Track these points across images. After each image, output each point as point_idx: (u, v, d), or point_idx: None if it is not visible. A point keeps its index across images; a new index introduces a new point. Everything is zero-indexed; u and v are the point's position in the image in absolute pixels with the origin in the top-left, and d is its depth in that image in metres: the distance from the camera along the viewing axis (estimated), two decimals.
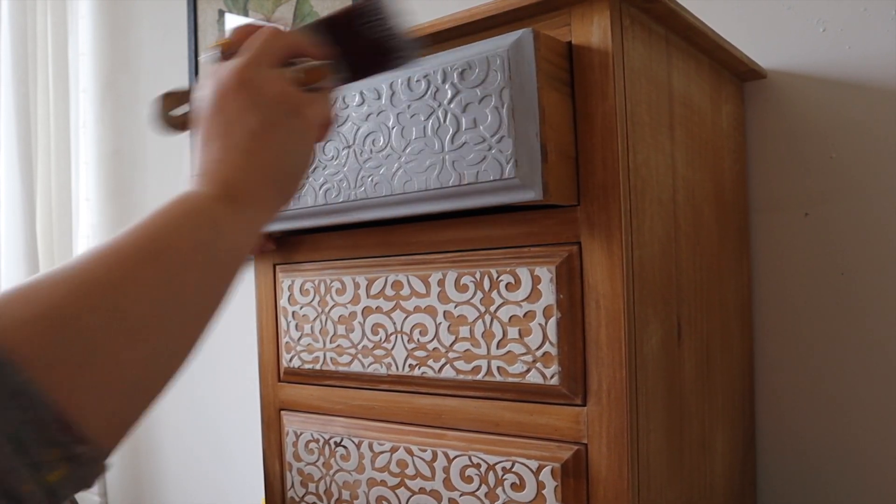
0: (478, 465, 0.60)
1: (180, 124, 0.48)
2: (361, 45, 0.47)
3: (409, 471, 0.64)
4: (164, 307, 0.36)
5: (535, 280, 0.57)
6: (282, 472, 0.75)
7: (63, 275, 0.34)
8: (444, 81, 0.55)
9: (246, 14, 1.48)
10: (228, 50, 0.45)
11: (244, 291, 1.38)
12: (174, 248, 0.37)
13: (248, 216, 0.41)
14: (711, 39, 0.69)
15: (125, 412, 0.35)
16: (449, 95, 0.55)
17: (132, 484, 1.81)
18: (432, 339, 0.62)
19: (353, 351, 0.68)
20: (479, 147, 0.53)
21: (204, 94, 0.43)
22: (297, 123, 0.43)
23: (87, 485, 0.34)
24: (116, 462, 1.64)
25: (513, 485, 0.58)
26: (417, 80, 0.56)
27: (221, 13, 1.53)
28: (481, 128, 0.53)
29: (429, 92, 0.56)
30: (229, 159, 0.41)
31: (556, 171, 0.52)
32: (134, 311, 0.34)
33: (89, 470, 0.33)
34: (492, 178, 0.53)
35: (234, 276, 0.41)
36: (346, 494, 0.69)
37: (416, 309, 0.63)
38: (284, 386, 0.75)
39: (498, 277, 0.58)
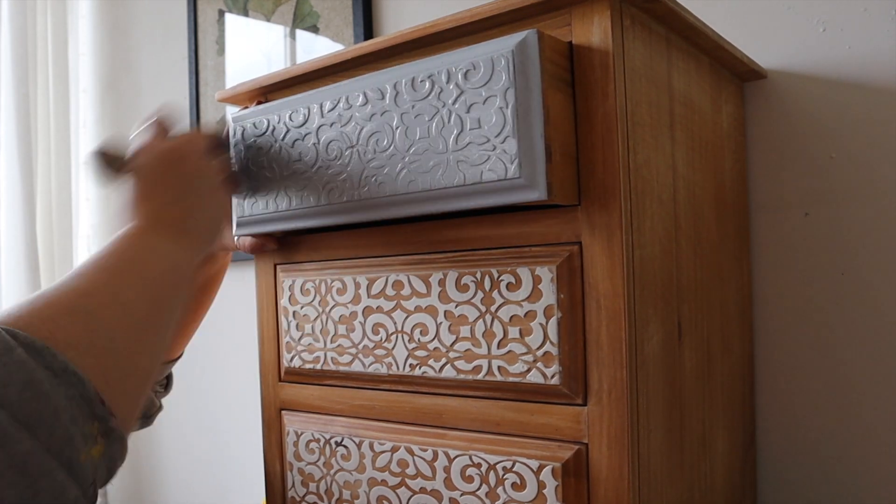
0: (478, 465, 0.60)
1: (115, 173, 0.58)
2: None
3: (410, 470, 0.64)
4: (150, 307, 0.44)
5: (536, 280, 0.57)
6: (282, 471, 0.75)
7: (70, 284, 0.41)
8: (448, 82, 0.55)
9: (246, 14, 1.48)
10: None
11: (245, 292, 1.38)
12: (145, 265, 0.47)
13: (192, 251, 0.54)
14: (712, 39, 0.69)
15: (136, 395, 0.41)
16: (453, 96, 0.55)
17: (132, 484, 1.81)
18: (433, 339, 0.62)
19: (353, 351, 0.68)
20: (483, 147, 0.53)
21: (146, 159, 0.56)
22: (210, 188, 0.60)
23: (114, 467, 0.39)
24: None
25: (513, 484, 0.58)
26: (422, 81, 0.56)
27: (221, 13, 1.53)
28: (485, 128, 0.53)
29: (433, 92, 0.56)
30: (181, 211, 0.55)
31: (559, 171, 0.53)
32: (134, 307, 0.42)
33: (118, 449, 0.38)
34: (496, 178, 0.53)
35: (182, 290, 0.51)
36: (346, 494, 0.69)
37: (417, 309, 0.63)
38: (285, 386, 0.75)
39: (498, 277, 0.59)
